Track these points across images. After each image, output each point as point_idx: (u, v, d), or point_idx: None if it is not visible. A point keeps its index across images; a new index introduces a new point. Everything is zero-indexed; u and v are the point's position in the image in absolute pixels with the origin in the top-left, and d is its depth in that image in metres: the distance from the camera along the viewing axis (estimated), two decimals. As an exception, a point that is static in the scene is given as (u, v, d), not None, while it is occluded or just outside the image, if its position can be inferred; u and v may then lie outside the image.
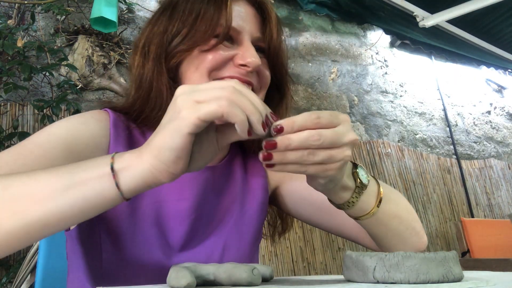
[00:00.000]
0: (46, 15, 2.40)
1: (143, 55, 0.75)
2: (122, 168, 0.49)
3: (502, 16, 3.40)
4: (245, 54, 0.71)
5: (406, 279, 0.45)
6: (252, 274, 0.46)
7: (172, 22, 0.74)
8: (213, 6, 0.72)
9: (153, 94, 0.73)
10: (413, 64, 4.23)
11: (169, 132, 0.47)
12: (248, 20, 0.75)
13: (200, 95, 0.47)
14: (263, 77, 0.76)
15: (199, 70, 0.72)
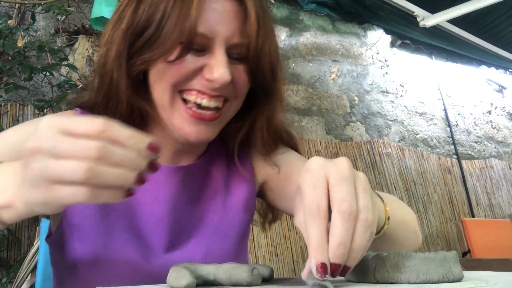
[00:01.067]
0: (46, 15, 2.40)
1: (105, 53, 0.67)
2: (1, 207, 0.45)
3: (502, 16, 3.39)
4: (213, 68, 0.63)
5: (406, 279, 0.45)
6: (252, 274, 0.46)
7: (137, 18, 0.65)
8: (180, 3, 0.61)
9: (113, 99, 0.68)
10: (414, 64, 4.22)
11: (26, 194, 0.42)
12: (225, 20, 0.64)
13: (53, 173, 0.39)
14: (238, 85, 0.68)
15: (163, 81, 0.65)
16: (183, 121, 0.66)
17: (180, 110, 0.66)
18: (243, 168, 0.80)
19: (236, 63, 0.67)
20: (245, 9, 0.65)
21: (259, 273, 0.46)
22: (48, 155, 0.39)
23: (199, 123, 0.66)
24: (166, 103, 0.66)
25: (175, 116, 0.66)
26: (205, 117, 0.66)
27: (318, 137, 3.28)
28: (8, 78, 1.90)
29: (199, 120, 0.65)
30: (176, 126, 0.67)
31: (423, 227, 3.47)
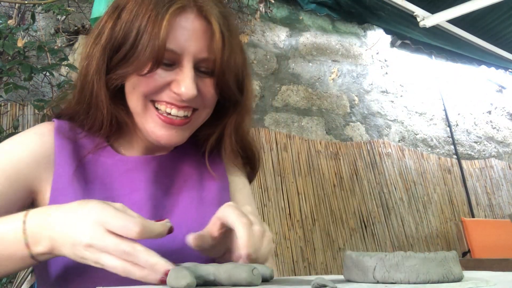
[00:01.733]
0: (46, 15, 2.40)
1: (86, 66, 0.74)
2: (41, 254, 0.55)
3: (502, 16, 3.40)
4: (180, 83, 0.70)
5: (406, 279, 0.45)
6: (252, 274, 0.46)
7: (114, 34, 0.71)
8: (152, 23, 0.68)
9: (93, 108, 0.75)
10: (414, 64, 4.23)
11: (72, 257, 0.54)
12: (193, 38, 0.70)
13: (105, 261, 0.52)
14: (205, 98, 0.74)
15: (135, 92, 0.72)
16: (155, 125, 0.73)
17: (153, 116, 0.73)
18: (217, 167, 0.87)
19: (204, 77, 0.74)
20: (211, 27, 0.71)
21: (259, 273, 0.46)
22: (100, 250, 0.51)
23: (170, 127, 0.73)
24: (139, 111, 0.73)
25: (148, 121, 0.73)
26: (175, 122, 0.73)
27: (318, 137, 3.28)
28: (8, 78, 1.90)
29: (170, 124, 0.73)
30: (149, 130, 0.73)
31: (423, 227, 3.47)
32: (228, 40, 0.72)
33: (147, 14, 0.68)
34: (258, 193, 2.79)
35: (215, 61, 0.71)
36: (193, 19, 0.71)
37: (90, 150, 0.77)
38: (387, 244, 3.19)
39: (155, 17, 0.67)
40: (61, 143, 0.76)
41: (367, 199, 3.26)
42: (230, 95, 0.78)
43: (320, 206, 3.01)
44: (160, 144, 0.75)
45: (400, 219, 3.36)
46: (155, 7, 0.69)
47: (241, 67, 0.78)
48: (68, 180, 0.73)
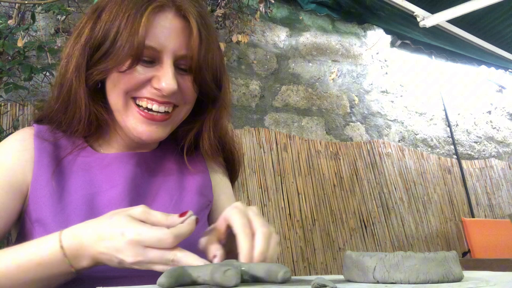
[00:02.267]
0: (46, 15, 2.40)
1: (65, 64, 0.76)
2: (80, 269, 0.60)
3: (502, 16, 3.40)
4: (161, 78, 0.72)
5: (406, 279, 0.45)
6: (224, 275, 0.46)
7: (94, 34, 0.73)
8: (131, 21, 0.70)
9: (71, 105, 0.76)
10: (414, 64, 4.22)
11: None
12: (172, 35, 0.73)
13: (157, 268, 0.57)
14: (185, 93, 0.77)
15: (116, 89, 0.74)
16: (136, 122, 0.75)
17: (134, 112, 0.74)
18: (198, 163, 0.89)
19: (183, 74, 0.76)
20: (190, 26, 0.73)
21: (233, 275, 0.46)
22: (147, 263, 0.56)
23: (151, 123, 0.75)
24: (120, 108, 0.75)
25: (129, 118, 0.75)
26: (156, 117, 0.75)
27: (318, 137, 3.28)
28: (8, 78, 1.90)
29: (151, 120, 0.74)
30: (130, 127, 0.75)
31: (423, 227, 3.47)
32: (205, 37, 0.74)
33: (127, 13, 0.70)
34: (258, 193, 2.79)
35: (191, 58, 0.73)
36: (172, 17, 0.73)
37: (69, 151, 0.79)
38: (387, 244, 3.19)
39: (134, 15, 0.69)
40: (40, 146, 0.77)
41: (367, 199, 3.26)
42: (208, 91, 0.80)
43: (320, 206, 3.01)
44: (141, 140, 0.76)
45: (400, 219, 3.36)
46: (134, 6, 0.71)
47: (218, 64, 0.80)
48: (47, 180, 0.74)
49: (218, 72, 0.80)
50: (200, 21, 0.74)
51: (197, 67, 0.74)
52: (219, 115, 0.86)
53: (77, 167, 0.78)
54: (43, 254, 0.58)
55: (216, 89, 0.81)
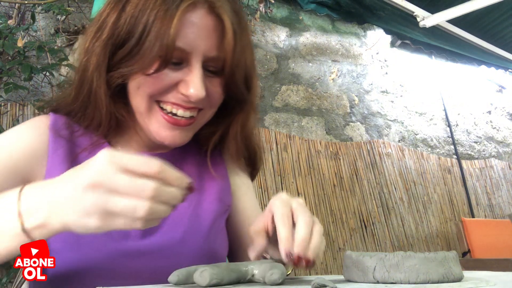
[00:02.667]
0: (46, 15, 2.40)
1: (85, 62, 0.70)
2: (33, 228, 0.48)
3: (502, 16, 3.40)
4: (189, 84, 0.66)
5: (406, 279, 0.45)
6: (199, 276, 0.47)
7: (117, 29, 0.66)
8: (161, 19, 0.63)
9: (91, 106, 0.71)
10: (414, 64, 4.23)
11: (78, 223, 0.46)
12: (203, 35, 0.66)
13: (115, 207, 0.45)
14: (212, 98, 0.72)
15: (140, 92, 0.68)
16: (160, 126, 0.70)
17: (157, 116, 0.70)
18: (218, 166, 0.85)
19: (212, 76, 0.71)
20: (223, 25, 0.67)
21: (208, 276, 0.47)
22: (109, 191, 0.45)
23: (174, 128, 0.70)
24: (143, 111, 0.70)
25: (152, 122, 0.70)
26: (180, 122, 0.70)
27: (318, 137, 3.28)
28: (8, 78, 1.90)
29: (175, 125, 0.70)
30: (153, 131, 0.71)
31: (423, 227, 3.47)
32: (239, 38, 0.69)
33: (155, 9, 0.64)
34: (258, 193, 2.79)
35: (225, 60, 0.68)
36: (204, 15, 0.66)
37: (85, 147, 0.74)
38: (387, 244, 3.19)
39: (164, 13, 0.63)
40: (55, 140, 0.73)
41: (367, 199, 3.26)
42: (238, 94, 0.75)
43: (320, 206, 3.01)
44: (164, 144, 0.72)
45: (400, 219, 3.36)
46: (164, 2, 0.64)
47: (250, 65, 0.75)
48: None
49: (249, 73, 0.75)
50: (234, 19, 0.69)
51: (230, 71, 0.69)
52: (247, 117, 0.81)
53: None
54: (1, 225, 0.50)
55: (246, 91, 0.76)
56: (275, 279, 0.48)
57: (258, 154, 0.91)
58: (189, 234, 0.72)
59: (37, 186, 0.50)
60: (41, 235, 0.49)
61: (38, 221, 0.48)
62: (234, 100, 0.76)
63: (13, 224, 0.48)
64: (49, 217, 0.48)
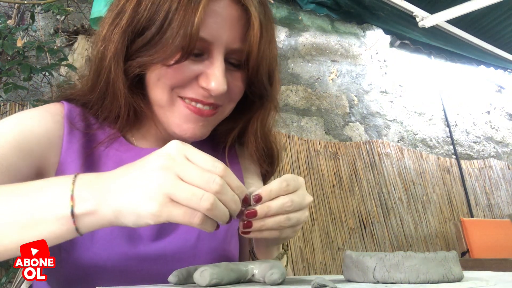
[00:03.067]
0: (46, 15, 2.40)
1: (103, 50, 0.66)
2: (83, 214, 0.47)
3: (501, 16, 3.40)
4: (210, 77, 0.63)
5: (406, 279, 0.46)
6: (199, 276, 0.47)
7: (137, 15, 0.62)
8: (185, 6, 0.59)
9: (108, 97, 0.68)
10: (413, 64, 4.23)
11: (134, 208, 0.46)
12: (227, 26, 0.63)
13: (181, 193, 0.44)
14: (233, 92, 0.68)
15: (160, 83, 0.65)
16: (181, 118, 0.67)
17: (180, 108, 0.66)
18: (232, 166, 0.82)
19: (233, 70, 0.67)
20: (248, 16, 0.63)
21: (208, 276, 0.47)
22: (178, 175, 0.45)
23: (197, 120, 0.67)
24: (165, 103, 0.67)
25: (175, 115, 0.67)
26: (204, 112, 0.67)
27: (317, 137, 3.28)
28: (7, 78, 1.90)
29: (199, 115, 0.67)
30: (174, 124, 0.67)
31: (422, 227, 3.47)
32: (265, 30, 0.65)
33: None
34: (258, 193, 2.79)
35: (249, 54, 0.64)
36: (228, 4, 0.63)
37: (101, 141, 0.71)
38: (386, 244, 3.19)
39: (188, 1, 0.59)
40: (70, 131, 0.69)
41: (366, 199, 3.26)
42: (260, 89, 0.71)
43: (319, 206, 3.01)
44: (183, 138, 0.67)
45: (399, 219, 3.36)
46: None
47: (274, 58, 0.71)
48: (75, 170, 0.67)
49: (272, 67, 0.71)
50: (260, 10, 0.65)
51: (255, 66, 0.66)
52: (267, 114, 0.77)
53: (109, 159, 0.71)
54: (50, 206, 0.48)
55: (268, 86, 0.72)
56: (275, 279, 0.48)
57: (276, 153, 0.86)
58: (204, 237, 0.71)
59: (93, 175, 0.50)
60: (87, 223, 0.48)
61: (89, 207, 0.47)
62: (254, 95, 0.73)
63: (64, 207, 0.47)
64: (102, 204, 0.47)
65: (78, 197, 0.47)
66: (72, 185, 0.48)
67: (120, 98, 0.67)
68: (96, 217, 0.47)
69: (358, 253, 0.50)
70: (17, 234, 0.47)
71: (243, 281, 0.51)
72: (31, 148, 0.63)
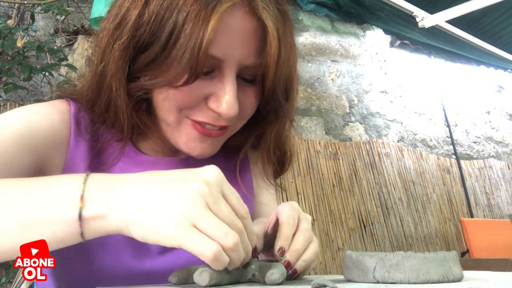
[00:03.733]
0: (46, 15, 2.40)
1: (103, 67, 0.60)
2: (91, 218, 0.43)
3: (501, 16, 3.40)
4: (221, 99, 0.58)
5: (406, 279, 0.46)
6: (199, 276, 0.47)
7: (140, 30, 0.56)
8: (193, 22, 0.52)
9: (111, 113, 0.63)
10: (413, 64, 4.23)
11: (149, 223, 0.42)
12: (241, 41, 0.56)
13: (209, 223, 0.42)
14: (245, 110, 0.63)
15: (166, 104, 0.60)
16: (189, 138, 0.63)
17: (187, 128, 0.62)
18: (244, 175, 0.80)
19: (245, 85, 0.62)
20: (264, 29, 0.57)
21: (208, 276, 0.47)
22: (207, 205, 0.43)
23: (205, 139, 0.63)
24: (172, 123, 0.62)
25: (181, 134, 0.63)
26: (212, 133, 0.62)
27: (317, 137, 3.28)
28: (7, 78, 1.90)
29: (206, 136, 0.63)
30: (181, 142, 0.64)
31: (422, 227, 3.47)
32: (284, 44, 0.58)
33: (186, 9, 0.53)
34: (258, 193, 2.79)
35: (264, 74, 0.59)
36: (242, 17, 0.56)
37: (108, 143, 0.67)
38: (386, 244, 3.19)
39: (197, 15, 0.52)
40: (78, 128, 0.65)
41: (366, 199, 3.26)
42: (276, 105, 0.65)
43: (319, 206, 3.01)
44: (191, 155, 0.65)
45: (399, 219, 3.36)
46: (196, 1, 0.53)
47: (293, 72, 0.64)
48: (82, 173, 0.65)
49: (291, 80, 0.65)
50: (279, 21, 0.58)
51: (271, 87, 0.60)
52: (282, 127, 0.72)
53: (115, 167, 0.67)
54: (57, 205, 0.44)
55: (284, 101, 0.66)
56: (275, 279, 0.48)
57: (289, 157, 0.82)
58: None
59: (108, 175, 0.46)
60: (94, 228, 0.44)
61: (99, 211, 0.43)
62: (269, 112, 0.67)
63: (71, 208, 0.43)
64: (113, 209, 0.43)
65: (88, 198, 0.44)
66: (83, 185, 0.44)
67: (123, 118, 0.62)
68: (105, 222, 0.43)
69: (358, 253, 0.50)
70: (17, 233, 0.44)
71: (243, 281, 0.51)
72: (36, 145, 0.60)
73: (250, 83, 0.62)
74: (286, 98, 0.66)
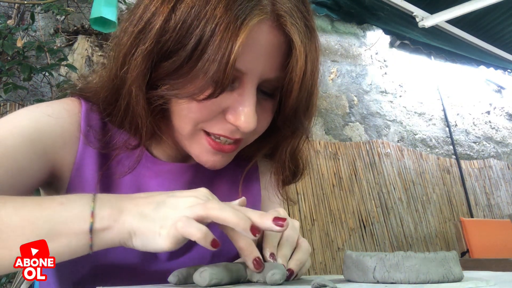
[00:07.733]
0: (45, 15, 2.40)
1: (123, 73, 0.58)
2: (100, 230, 0.48)
3: (501, 16, 3.40)
4: (240, 113, 0.56)
5: (406, 279, 0.46)
6: (199, 276, 0.47)
7: (165, 36, 0.53)
8: (221, 34, 0.50)
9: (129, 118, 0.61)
10: (413, 64, 4.23)
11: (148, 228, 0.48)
12: (265, 55, 0.55)
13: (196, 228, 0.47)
14: (261, 124, 0.61)
15: (183, 115, 0.58)
16: (202, 150, 0.62)
17: (201, 141, 0.61)
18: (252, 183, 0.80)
19: (263, 99, 0.60)
20: (290, 43, 0.55)
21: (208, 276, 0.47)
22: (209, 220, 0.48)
23: (217, 153, 0.62)
24: (186, 135, 0.61)
25: (194, 146, 0.62)
26: (225, 148, 0.61)
27: (317, 137, 3.28)
28: (7, 78, 1.90)
29: (219, 151, 0.62)
30: (194, 153, 0.64)
31: (422, 227, 3.47)
32: (310, 60, 0.56)
33: (214, 20, 0.51)
34: (257, 193, 2.79)
35: (289, 85, 0.56)
36: (269, 31, 0.54)
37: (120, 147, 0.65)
38: (386, 244, 3.19)
39: (226, 27, 0.50)
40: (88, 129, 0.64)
41: (366, 199, 3.26)
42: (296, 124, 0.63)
43: (319, 206, 3.01)
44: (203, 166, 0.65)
45: (399, 219, 3.36)
46: (226, 12, 0.51)
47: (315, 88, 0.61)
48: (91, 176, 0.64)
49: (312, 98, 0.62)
50: (305, 36, 0.56)
51: (294, 105, 0.58)
52: (297, 142, 0.70)
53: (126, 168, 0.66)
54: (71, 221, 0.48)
55: (304, 120, 0.64)
56: (276, 280, 0.48)
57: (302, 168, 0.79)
58: (218, 254, 0.68)
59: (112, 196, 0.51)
60: (102, 239, 0.48)
61: (107, 224, 0.48)
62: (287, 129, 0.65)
63: (84, 223, 0.47)
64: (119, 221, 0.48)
65: (98, 214, 0.48)
66: (93, 203, 0.49)
67: (141, 124, 0.60)
68: (112, 233, 0.48)
69: (358, 253, 0.50)
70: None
71: (243, 281, 0.51)
72: (45, 149, 0.59)
73: (268, 96, 0.61)
74: (306, 117, 0.64)
